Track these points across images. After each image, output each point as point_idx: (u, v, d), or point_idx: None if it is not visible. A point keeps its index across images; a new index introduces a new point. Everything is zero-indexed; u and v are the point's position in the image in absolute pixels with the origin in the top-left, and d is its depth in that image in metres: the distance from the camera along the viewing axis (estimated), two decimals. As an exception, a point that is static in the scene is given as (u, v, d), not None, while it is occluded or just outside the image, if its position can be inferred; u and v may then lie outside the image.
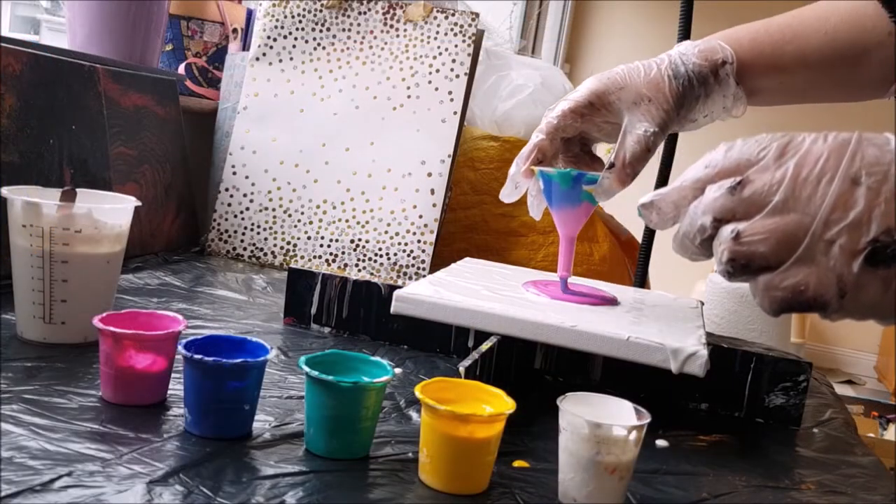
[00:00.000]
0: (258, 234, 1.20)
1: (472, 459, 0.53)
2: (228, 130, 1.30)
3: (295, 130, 1.22)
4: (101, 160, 1.02)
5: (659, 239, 1.02)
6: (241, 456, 0.53)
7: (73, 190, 0.70)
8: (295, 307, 0.88)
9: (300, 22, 1.25)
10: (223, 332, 0.80)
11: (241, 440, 0.56)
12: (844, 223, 0.44)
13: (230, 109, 1.32)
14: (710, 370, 0.63)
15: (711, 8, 1.96)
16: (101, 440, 0.52)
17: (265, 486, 0.50)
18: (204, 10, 1.38)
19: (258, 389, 0.57)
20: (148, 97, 1.14)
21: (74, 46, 1.14)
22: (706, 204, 0.48)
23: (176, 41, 1.38)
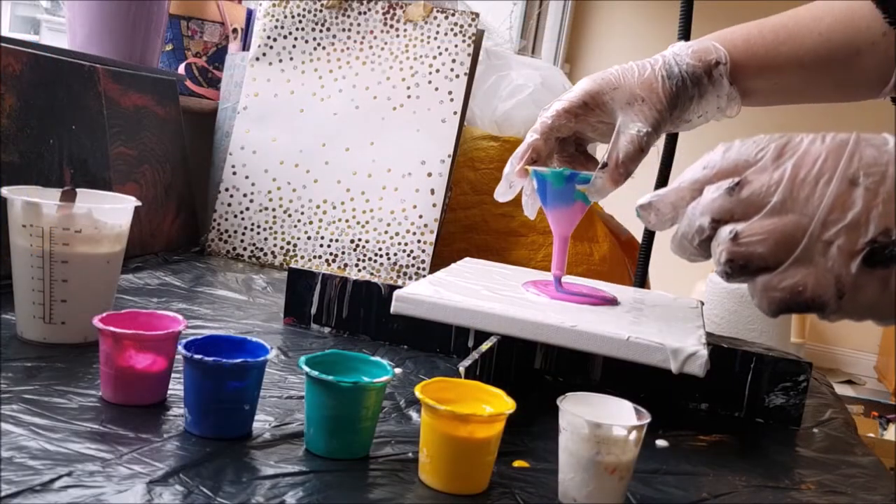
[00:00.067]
0: (258, 234, 1.20)
1: (472, 459, 0.53)
2: (228, 130, 1.30)
3: (295, 130, 1.22)
4: (101, 160, 1.02)
5: (659, 239, 1.02)
6: (241, 456, 0.53)
7: (73, 190, 0.70)
8: (295, 307, 0.88)
9: (300, 22, 1.25)
10: (223, 332, 0.80)
11: (241, 440, 0.56)
12: (842, 224, 0.44)
13: (230, 109, 1.32)
14: (710, 370, 0.64)
15: (711, 8, 1.95)
16: (101, 440, 0.52)
17: (265, 486, 0.50)
18: (204, 10, 1.38)
19: (258, 389, 0.57)
20: (148, 97, 1.14)
21: (74, 46, 1.14)
22: (704, 205, 0.48)
23: (176, 41, 1.38)
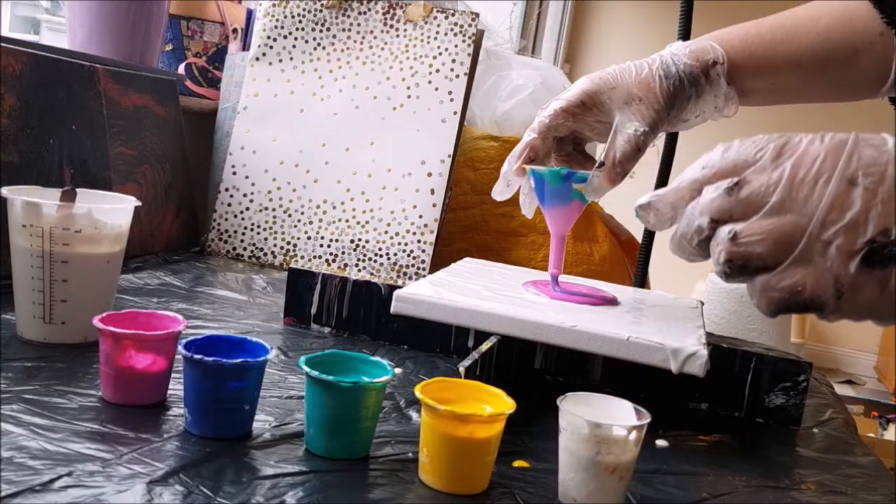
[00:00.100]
0: (258, 234, 1.20)
1: (472, 459, 0.53)
2: (228, 130, 1.30)
3: (295, 130, 1.22)
4: (101, 160, 1.02)
5: (659, 239, 1.02)
6: (241, 456, 0.53)
7: (73, 190, 0.70)
8: (295, 307, 0.88)
9: (300, 22, 1.25)
10: (223, 332, 0.80)
11: (241, 440, 0.56)
12: (841, 224, 0.44)
13: (230, 109, 1.32)
14: (710, 370, 0.63)
15: (711, 8, 1.95)
16: (101, 440, 0.52)
17: (265, 486, 0.50)
18: (204, 10, 1.38)
19: (258, 389, 0.57)
20: (148, 97, 1.14)
21: (74, 46, 1.14)
22: (703, 205, 0.48)
23: (176, 41, 1.38)
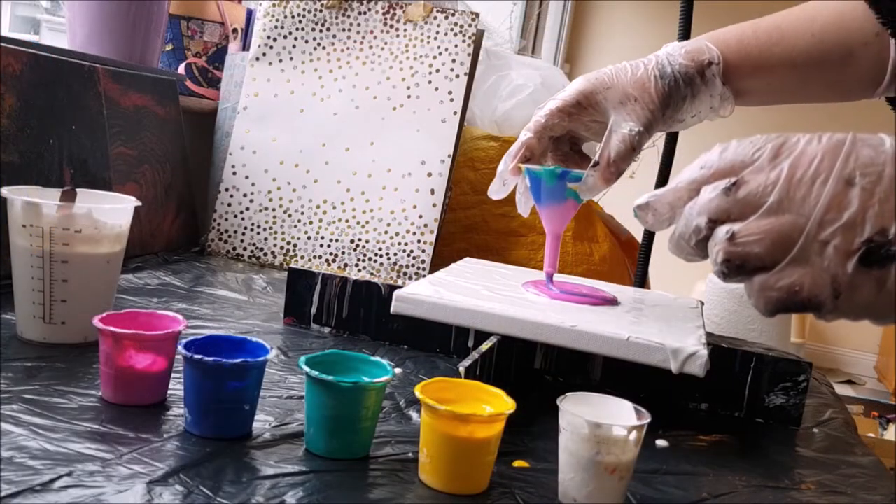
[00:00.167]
0: (258, 234, 1.20)
1: (472, 459, 0.53)
2: (228, 130, 1.30)
3: (295, 130, 1.22)
4: (101, 160, 1.02)
5: (659, 239, 1.02)
6: (241, 456, 0.53)
7: (73, 190, 0.70)
8: (295, 307, 0.88)
9: (300, 22, 1.25)
10: (223, 332, 0.80)
11: (241, 440, 0.56)
12: (839, 224, 0.44)
13: (230, 109, 1.32)
14: (710, 370, 0.63)
15: (711, 8, 1.95)
16: (101, 440, 0.52)
17: (265, 486, 0.50)
18: (204, 10, 1.38)
19: (258, 389, 0.57)
20: (148, 97, 1.14)
21: (74, 46, 1.14)
22: (701, 205, 0.48)
23: (176, 41, 1.38)
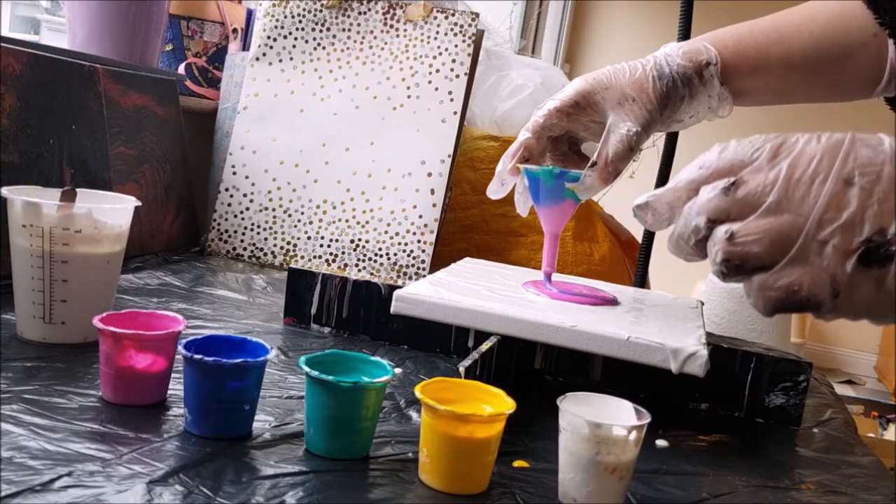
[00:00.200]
0: (258, 234, 1.20)
1: (472, 459, 0.53)
2: (228, 130, 1.30)
3: (295, 130, 1.22)
4: (101, 160, 1.02)
5: (659, 239, 1.02)
6: (241, 456, 0.53)
7: (73, 190, 0.70)
8: (295, 307, 0.88)
9: (300, 22, 1.25)
10: (223, 332, 0.80)
11: (241, 440, 0.56)
12: (837, 223, 0.44)
13: (230, 109, 1.32)
14: (710, 370, 0.63)
15: (711, 8, 1.95)
16: (101, 440, 0.52)
17: (265, 486, 0.50)
18: (204, 10, 1.38)
19: (258, 389, 0.57)
20: (148, 97, 1.14)
21: (74, 46, 1.14)
22: (700, 205, 0.48)
23: (176, 41, 1.38)
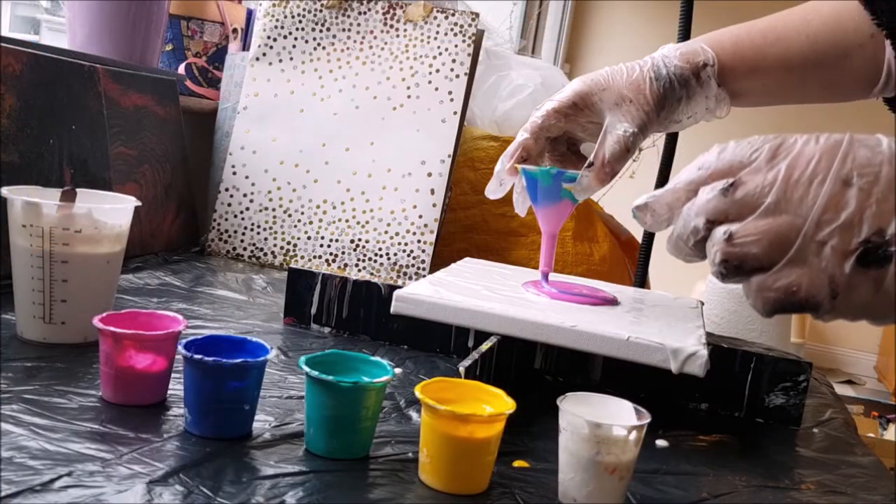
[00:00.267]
0: (258, 234, 1.20)
1: (472, 459, 0.53)
2: (228, 130, 1.30)
3: (295, 130, 1.22)
4: (101, 160, 1.02)
5: (659, 239, 1.02)
6: (241, 456, 0.53)
7: (73, 190, 0.70)
8: (295, 307, 0.88)
9: (300, 22, 1.25)
10: (223, 332, 0.80)
11: (241, 440, 0.56)
12: (836, 224, 0.44)
13: (230, 109, 1.32)
14: (710, 370, 0.63)
15: (711, 8, 1.95)
16: (101, 440, 0.52)
17: (265, 486, 0.50)
18: (204, 10, 1.38)
19: (258, 389, 0.57)
20: (148, 97, 1.14)
21: (74, 46, 1.14)
22: (699, 206, 0.48)
23: (176, 41, 1.38)
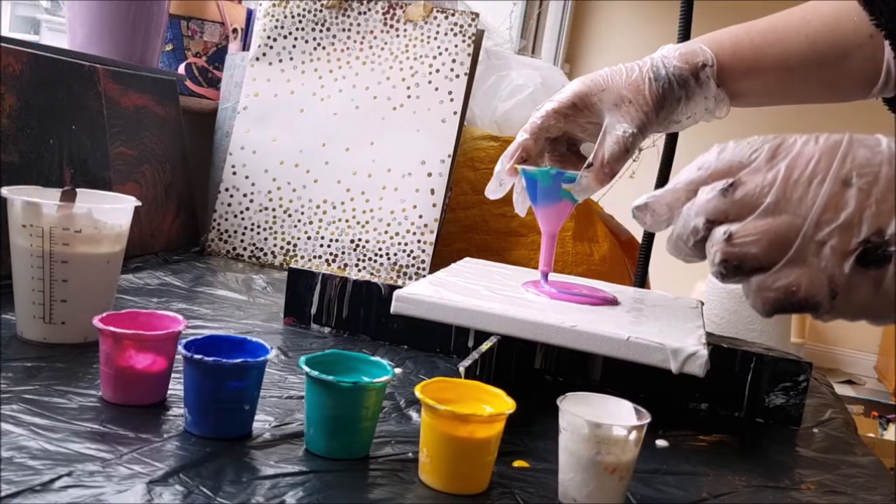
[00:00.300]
0: (258, 234, 1.20)
1: (472, 459, 0.53)
2: (228, 130, 1.30)
3: (295, 130, 1.22)
4: (101, 160, 1.02)
5: (659, 239, 1.02)
6: (241, 456, 0.53)
7: (73, 190, 0.70)
8: (295, 307, 0.88)
9: (300, 22, 1.25)
10: (223, 332, 0.80)
11: (241, 440, 0.56)
12: (835, 224, 0.44)
13: (230, 109, 1.32)
14: (710, 370, 0.63)
15: (711, 8, 1.95)
16: (101, 440, 0.52)
17: (265, 486, 0.50)
18: (204, 10, 1.38)
19: (258, 389, 0.57)
20: (148, 97, 1.14)
21: (74, 46, 1.14)
22: (699, 206, 0.48)
23: (176, 41, 1.38)
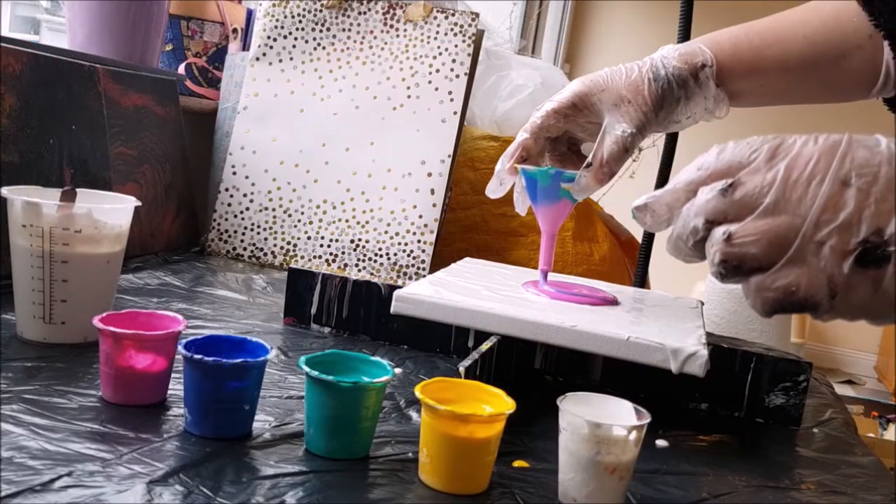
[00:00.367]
0: (258, 234, 1.20)
1: (472, 459, 0.53)
2: (228, 130, 1.30)
3: (295, 130, 1.22)
4: (101, 160, 1.02)
5: (659, 239, 1.02)
6: (241, 456, 0.53)
7: (73, 190, 0.70)
8: (295, 307, 0.88)
9: (300, 22, 1.25)
10: (223, 332, 0.80)
11: (241, 440, 0.56)
12: (835, 224, 0.44)
13: (230, 109, 1.32)
14: (710, 370, 0.63)
15: (711, 8, 1.95)
16: (101, 440, 0.52)
17: (265, 486, 0.50)
18: (204, 10, 1.38)
19: (258, 389, 0.57)
20: (148, 97, 1.14)
21: (74, 46, 1.14)
22: (698, 206, 0.48)
23: (176, 41, 1.38)
